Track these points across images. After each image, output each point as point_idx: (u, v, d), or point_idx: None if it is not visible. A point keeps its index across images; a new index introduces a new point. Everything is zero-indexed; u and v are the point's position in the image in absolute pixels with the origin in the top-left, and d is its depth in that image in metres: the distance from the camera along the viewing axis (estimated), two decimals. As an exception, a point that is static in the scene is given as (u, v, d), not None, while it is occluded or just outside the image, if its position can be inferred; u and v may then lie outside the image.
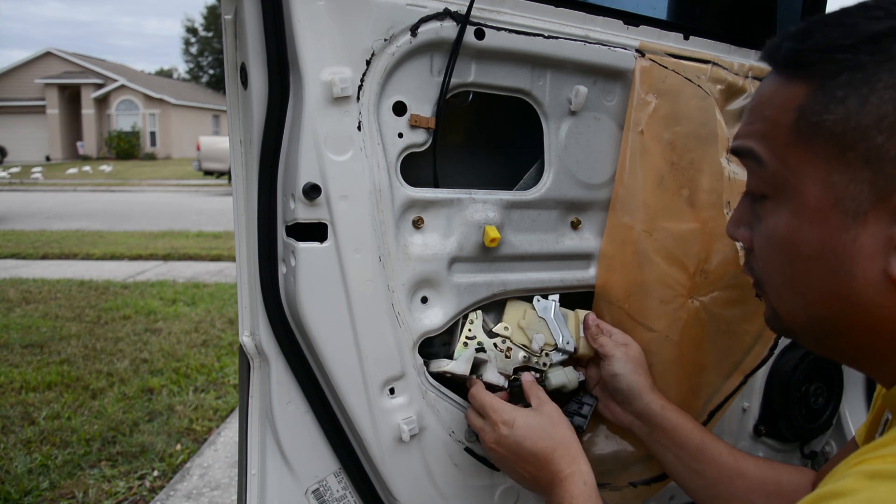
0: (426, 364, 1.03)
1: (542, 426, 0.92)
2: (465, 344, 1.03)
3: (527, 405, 0.98)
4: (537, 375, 1.05)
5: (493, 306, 1.10)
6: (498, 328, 1.05)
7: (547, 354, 1.06)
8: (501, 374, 1.03)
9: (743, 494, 0.93)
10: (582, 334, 1.09)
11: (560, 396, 1.10)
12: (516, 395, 1.02)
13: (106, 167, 24.20)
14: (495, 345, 1.04)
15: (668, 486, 1.27)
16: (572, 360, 1.10)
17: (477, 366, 1.03)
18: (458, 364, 1.01)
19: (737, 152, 0.65)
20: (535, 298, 1.09)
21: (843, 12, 0.57)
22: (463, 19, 0.93)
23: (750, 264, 0.69)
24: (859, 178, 0.54)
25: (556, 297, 1.10)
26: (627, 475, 1.17)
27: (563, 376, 1.06)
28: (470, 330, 1.04)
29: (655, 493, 1.21)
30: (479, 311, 1.06)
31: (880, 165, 0.52)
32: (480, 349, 1.03)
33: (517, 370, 1.04)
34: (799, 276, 0.60)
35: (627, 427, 1.05)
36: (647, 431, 1.02)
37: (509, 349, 1.04)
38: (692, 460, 0.97)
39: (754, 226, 0.65)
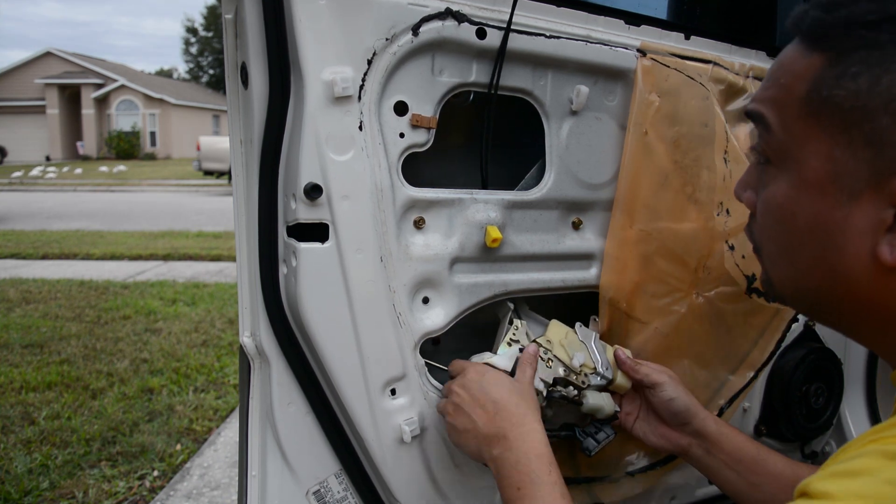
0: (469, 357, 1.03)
1: (512, 386, 0.91)
2: (510, 344, 1.02)
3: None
4: (575, 393, 1.03)
5: (535, 323, 1.11)
6: (541, 339, 1.04)
7: (586, 375, 1.04)
8: (542, 380, 1.01)
9: None
10: (615, 360, 1.07)
11: (583, 419, 1.10)
12: (555, 404, 1.02)
13: (122, 167, 24.54)
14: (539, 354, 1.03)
15: (668, 484, 1.27)
16: (607, 390, 1.09)
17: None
18: (502, 359, 0.99)
19: (749, 115, 0.66)
20: (578, 325, 1.09)
21: None
22: (505, 28, 0.96)
23: (751, 228, 0.70)
24: (860, 157, 0.54)
25: (596, 329, 1.11)
26: (624, 465, 1.17)
27: (601, 399, 1.05)
28: (514, 334, 1.04)
29: (654, 482, 1.21)
30: (525, 322, 1.06)
31: (882, 148, 0.53)
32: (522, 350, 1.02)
33: (557, 381, 1.03)
34: (791, 245, 0.61)
35: (685, 449, 1.03)
36: (705, 450, 1.01)
37: (550, 360, 1.03)
38: (750, 474, 0.96)
39: (759, 190, 0.66)
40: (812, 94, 0.57)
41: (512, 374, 0.97)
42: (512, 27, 0.98)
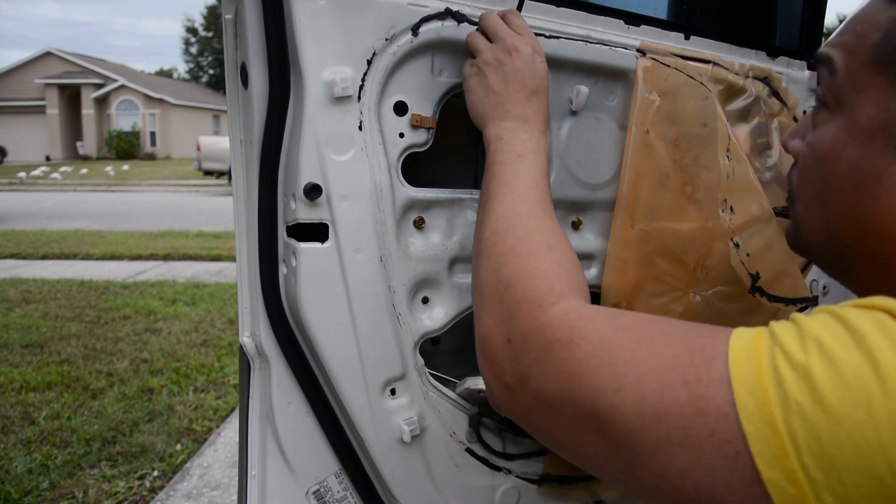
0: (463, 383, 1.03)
1: (544, 71, 0.89)
2: None
3: None
4: None
5: None
6: None
7: None
8: None
9: None
10: None
11: None
12: None
13: (126, 167, 24.75)
14: None
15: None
16: None
17: None
18: None
19: (817, 58, 0.66)
20: None
21: None
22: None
23: (791, 175, 0.70)
24: None
25: None
26: None
27: None
28: None
29: None
30: None
31: None
32: None
33: None
34: (828, 189, 0.62)
35: None
36: None
37: None
38: None
39: (807, 136, 0.67)
40: (883, 43, 0.58)
41: None
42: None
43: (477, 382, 1.01)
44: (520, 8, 0.97)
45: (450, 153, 1.14)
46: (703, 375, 0.48)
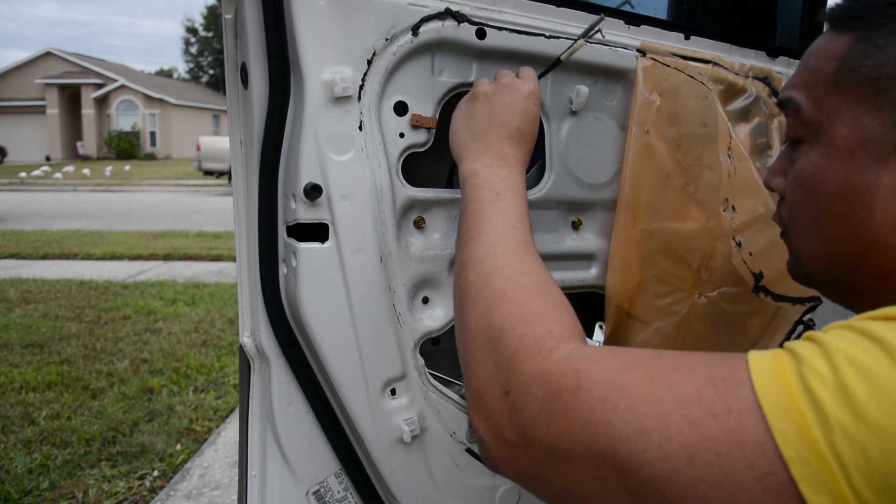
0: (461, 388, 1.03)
1: (535, 115, 0.89)
2: None
3: None
4: None
5: None
6: None
7: None
8: None
9: None
10: None
11: None
12: None
13: (127, 167, 24.89)
14: None
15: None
16: None
17: None
18: None
19: (781, 104, 0.68)
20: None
21: None
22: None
23: (779, 212, 0.71)
24: (887, 123, 0.57)
25: (601, 340, 1.07)
26: None
27: None
28: None
29: None
30: None
31: None
32: None
33: None
34: (822, 214, 0.63)
35: None
36: None
37: None
38: None
39: (788, 172, 0.68)
40: (840, 69, 0.60)
41: None
42: (511, 27, 0.98)
43: None
44: (541, 77, 0.98)
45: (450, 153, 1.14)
46: (732, 406, 0.45)
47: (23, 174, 20.93)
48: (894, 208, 0.56)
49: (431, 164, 1.10)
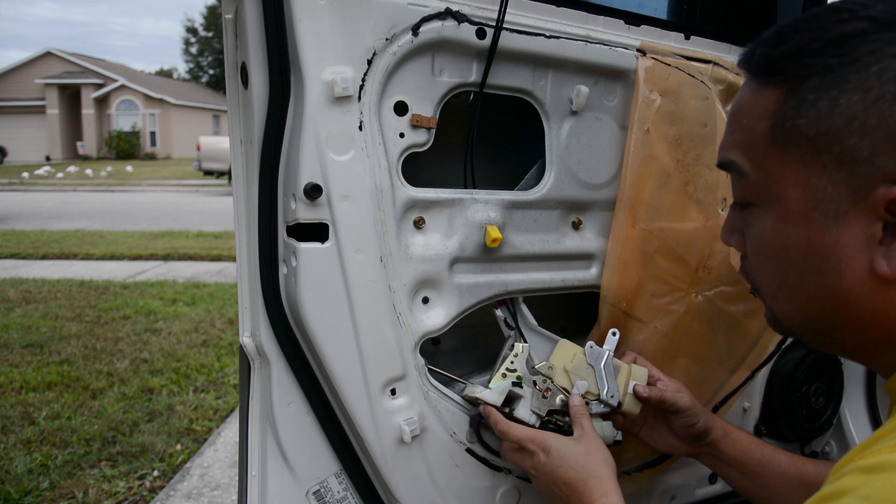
0: (463, 388, 1.03)
1: (576, 456, 0.91)
2: (504, 375, 1.02)
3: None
4: (570, 422, 1.01)
5: (544, 342, 1.09)
6: (541, 366, 1.03)
7: (587, 403, 1.02)
8: (534, 412, 1.00)
9: (807, 496, 0.93)
10: (630, 390, 1.04)
11: None
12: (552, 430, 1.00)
13: (129, 168, 25.03)
14: (535, 382, 1.02)
15: (668, 484, 1.27)
16: (616, 414, 1.07)
17: (511, 399, 1.01)
18: (492, 394, 1.00)
19: (721, 166, 0.66)
20: (589, 344, 1.06)
21: (814, 15, 0.57)
22: (496, 27, 0.94)
23: (745, 269, 0.69)
24: (836, 180, 0.54)
25: (612, 347, 1.06)
26: (620, 464, 1.16)
27: (600, 430, 1.02)
28: (512, 362, 1.03)
29: (650, 480, 1.21)
30: (527, 345, 1.05)
31: (855, 166, 0.53)
32: (517, 384, 1.01)
33: (552, 413, 1.01)
34: (790, 278, 0.61)
35: (694, 455, 1.05)
36: (715, 457, 1.03)
37: (548, 390, 1.02)
38: (756, 475, 0.99)
39: (745, 232, 0.66)
40: (775, 129, 0.58)
41: (503, 408, 0.99)
42: (511, 27, 0.98)
43: (474, 391, 1.02)
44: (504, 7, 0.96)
45: (450, 153, 1.14)
46: None
47: (25, 174, 20.97)
48: (861, 264, 0.55)
49: (431, 164, 1.10)
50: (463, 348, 1.25)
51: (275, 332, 0.95)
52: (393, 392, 0.97)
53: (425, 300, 1.01)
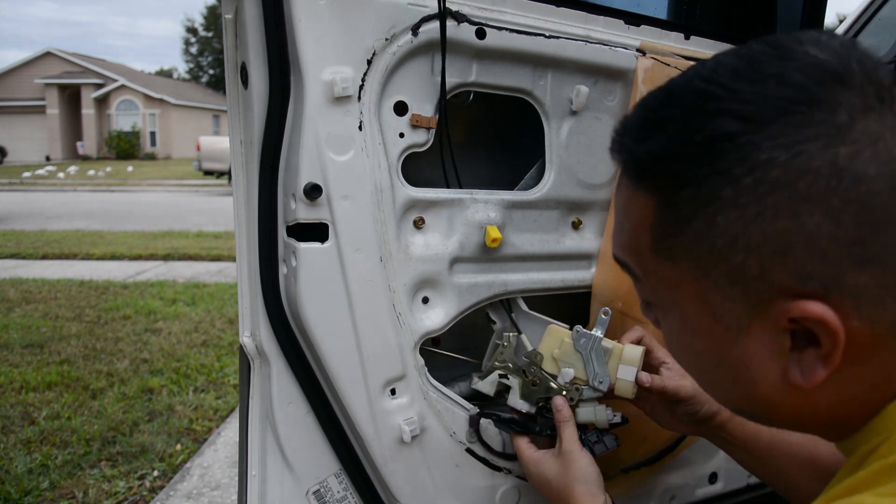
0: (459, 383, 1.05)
1: (552, 477, 0.93)
2: (494, 367, 1.03)
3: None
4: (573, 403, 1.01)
5: (537, 328, 1.09)
6: (529, 354, 1.03)
7: (577, 389, 1.01)
8: (525, 401, 1.01)
9: (816, 477, 0.93)
10: (622, 375, 1.01)
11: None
12: (548, 423, 1.01)
13: (130, 168, 25.11)
14: (524, 371, 1.02)
15: (668, 484, 1.27)
16: (612, 397, 1.05)
17: (505, 389, 1.03)
18: (484, 384, 1.03)
19: (617, 262, 0.62)
20: (576, 329, 1.04)
21: (679, 99, 0.51)
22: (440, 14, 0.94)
23: (669, 346, 0.65)
24: (731, 297, 0.50)
25: (602, 330, 1.04)
26: (617, 462, 1.17)
27: (593, 414, 1.01)
28: (502, 353, 1.03)
29: (646, 477, 1.21)
30: (517, 335, 1.05)
31: (747, 283, 0.49)
32: (505, 375, 1.02)
33: (540, 400, 1.01)
34: (708, 381, 0.60)
35: (700, 435, 1.03)
36: (722, 438, 1.01)
37: (537, 378, 1.02)
38: (764, 457, 0.97)
39: (661, 323, 0.62)
40: (657, 245, 0.54)
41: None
42: (513, 27, 0.98)
43: (471, 383, 1.03)
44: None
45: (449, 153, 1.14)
46: None
47: (27, 174, 20.99)
48: (774, 373, 0.51)
49: (431, 164, 1.10)
50: (463, 348, 1.25)
51: (275, 331, 0.95)
52: (393, 392, 0.97)
53: (425, 300, 1.01)
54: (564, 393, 1.01)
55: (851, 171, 0.44)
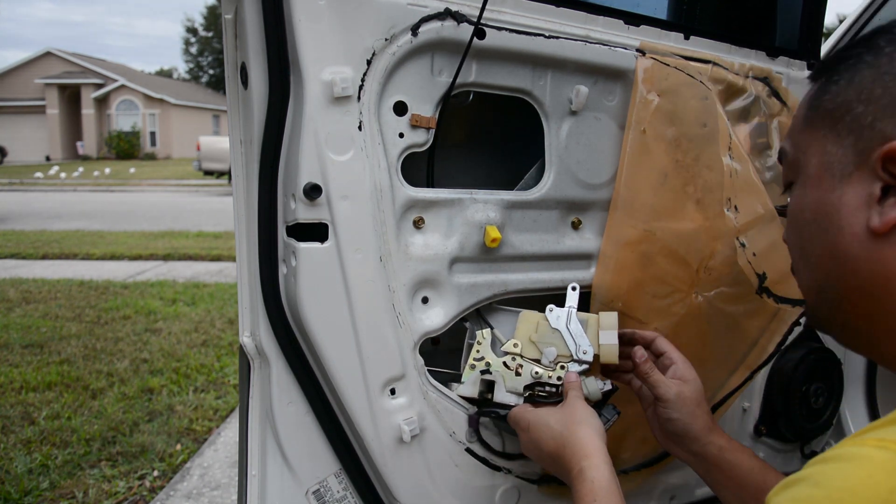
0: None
1: (552, 424, 0.91)
2: (473, 366, 1.02)
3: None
4: (553, 390, 1.00)
5: (508, 321, 1.08)
6: (507, 346, 1.03)
7: (562, 367, 1.01)
8: (512, 392, 1.00)
9: None
10: (604, 341, 1.01)
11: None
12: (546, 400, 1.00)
13: (132, 169, 25.17)
14: (505, 363, 1.02)
15: (668, 484, 1.27)
16: (601, 368, 1.05)
17: (490, 386, 1.01)
18: (466, 387, 1.01)
19: (777, 158, 0.76)
20: (549, 308, 1.03)
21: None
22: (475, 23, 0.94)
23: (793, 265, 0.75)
24: (845, 145, 0.62)
25: (574, 303, 1.03)
26: (618, 463, 1.16)
27: (585, 389, 0.99)
28: (478, 351, 1.03)
29: (648, 479, 1.21)
30: (489, 330, 1.04)
31: (860, 131, 0.61)
32: (486, 371, 1.01)
33: (531, 387, 1.01)
34: (804, 242, 0.68)
35: (683, 461, 1.01)
36: (705, 470, 0.98)
37: (520, 366, 1.01)
38: (753, 500, 0.93)
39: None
40: (809, 110, 0.68)
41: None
42: (513, 27, 0.98)
43: (452, 388, 1.02)
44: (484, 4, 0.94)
45: (449, 153, 1.14)
46: None
47: (39, 174, 21.05)
48: (859, 221, 0.60)
49: (432, 165, 1.10)
50: (462, 348, 1.25)
51: (274, 331, 0.95)
52: (392, 392, 0.97)
53: (425, 300, 1.01)
54: (548, 375, 1.00)
55: None
